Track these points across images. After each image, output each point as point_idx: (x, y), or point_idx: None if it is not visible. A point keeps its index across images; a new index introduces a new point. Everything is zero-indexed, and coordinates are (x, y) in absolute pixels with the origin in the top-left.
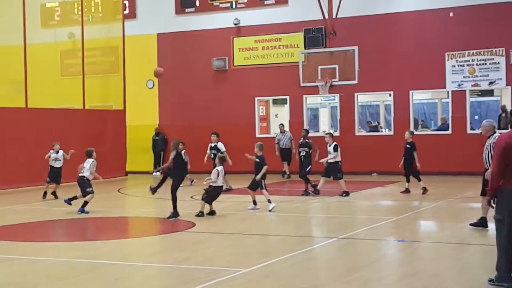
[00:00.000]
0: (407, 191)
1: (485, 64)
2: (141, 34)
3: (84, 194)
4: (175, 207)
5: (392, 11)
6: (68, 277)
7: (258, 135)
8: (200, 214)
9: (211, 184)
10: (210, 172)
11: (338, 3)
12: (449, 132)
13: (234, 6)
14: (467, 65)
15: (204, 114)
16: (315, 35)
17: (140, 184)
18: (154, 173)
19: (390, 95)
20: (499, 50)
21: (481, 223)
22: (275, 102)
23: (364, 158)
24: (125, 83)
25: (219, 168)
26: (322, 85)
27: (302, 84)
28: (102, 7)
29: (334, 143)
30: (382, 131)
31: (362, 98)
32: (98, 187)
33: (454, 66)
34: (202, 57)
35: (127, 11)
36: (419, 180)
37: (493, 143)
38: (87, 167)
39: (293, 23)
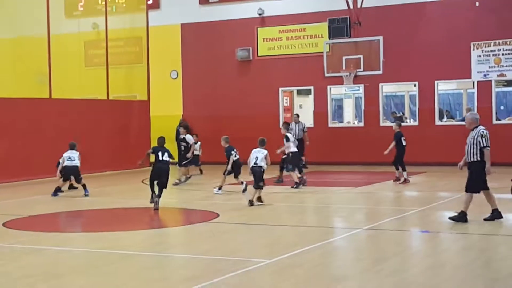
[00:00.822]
0: (405, 180)
1: (511, 54)
2: (165, 24)
3: (79, 181)
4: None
5: (417, 0)
6: (94, 267)
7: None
8: (250, 203)
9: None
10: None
11: None
12: None
13: None
14: (493, 55)
15: (228, 104)
16: (339, 25)
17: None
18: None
19: (415, 86)
20: None
21: (462, 218)
22: (299, 92)
23: None
24: (149, 73)
25: (255, 149)
26: (347, 75)
27: (326, 75)
28: None
29: (286, 134)
30: (407, 122)
31: (387, 89)
32: (122, 178)
33: (480, 56)
34: (226, 47)
35: (150, 2)
36: (397, 169)
37: (476, 136)
38: (77, 158)
39: (317, 13)
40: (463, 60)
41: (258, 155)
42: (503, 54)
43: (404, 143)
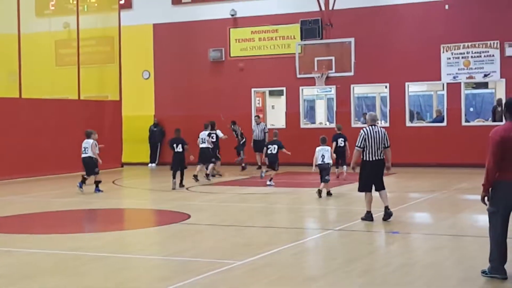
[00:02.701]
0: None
1: (480, 56)
2: (137, 24)
3: (92, 173)
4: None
5: (388, 3)
6: (66, 268)
7: (254, 126)
8: (319, 194)
9: None
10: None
11: None
12: (444, 124)
13: None
14: (462, 57)
15: (201, 105)
16: (311, 26)
17: (135, 176)
18: (150, 165)
19: (386, 87)
20: (493, 43)
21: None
22: (271, 93)
23: None
24: (121, 73)
25: (319, 148)
26: (319, 76)
27: (298, 76)
28: None
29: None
30: (378, 123)
31: (358, 90)
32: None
33: (450, 58)
34: (199, 48)
35: (123, 1)
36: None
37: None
38: (90, 148)
39: (289, 14)
40: (433, 62)
41: (325, 154)
42: (472, 57)
43: (339, 144)
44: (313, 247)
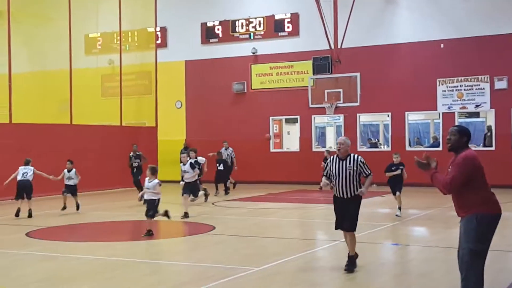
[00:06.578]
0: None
1: (472, 89)
2: (171, 61)
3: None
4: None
5: (390, 42)
6: (100, 273)
7: (272, 149)
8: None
9: None
10: None
11: (343, 35)
12: (440, 148)
13: (252, 37)
14: (456, 90)
15: (225, 130)
16: (322, 63)
17: (168, 192)
18: (181, 182)
19: (388, 116)
20: (484, 77)
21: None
22: (287, 121)
23: None
24: (157, 103)
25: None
26: (329, 106)
27: (311, 106)
28: (138, 37)
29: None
30: (381, 147)
31: (364, 118)
32: (131, 194)
33: (445, 91)
34: (224, 81)
35: (159, 41)
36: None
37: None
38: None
39: (303, 52)
40: (430, 94)
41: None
42: (464, 90)
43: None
44: (320, 257)
